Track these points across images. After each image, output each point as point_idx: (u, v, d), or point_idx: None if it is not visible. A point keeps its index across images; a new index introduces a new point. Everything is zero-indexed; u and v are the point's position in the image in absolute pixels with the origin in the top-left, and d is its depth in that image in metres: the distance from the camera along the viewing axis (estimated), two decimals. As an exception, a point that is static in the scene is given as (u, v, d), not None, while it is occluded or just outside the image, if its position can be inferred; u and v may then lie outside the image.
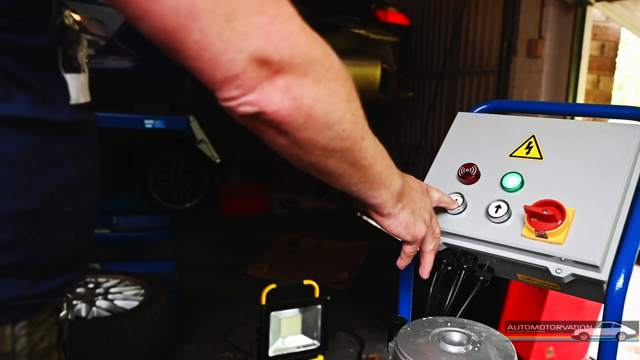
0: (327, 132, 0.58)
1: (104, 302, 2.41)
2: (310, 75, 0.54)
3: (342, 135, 0.60)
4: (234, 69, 0.50)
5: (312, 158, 0.61)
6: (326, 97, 0.56)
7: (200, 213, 5.71)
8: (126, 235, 3.85)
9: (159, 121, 3.00)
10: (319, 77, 0.55)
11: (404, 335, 0.73)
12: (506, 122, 0.97)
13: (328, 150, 0.60)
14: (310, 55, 0.54)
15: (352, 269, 4.01)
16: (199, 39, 0.48)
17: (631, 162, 0.81)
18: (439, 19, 5.23)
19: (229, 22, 0.48)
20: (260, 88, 0.51)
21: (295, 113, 0.54)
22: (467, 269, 0.89)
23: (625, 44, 8.38)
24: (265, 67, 0.51)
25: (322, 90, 0.55)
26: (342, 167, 0.64)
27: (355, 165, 0.65)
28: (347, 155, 0.63)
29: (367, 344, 2.92)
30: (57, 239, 0.60)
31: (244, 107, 0.52)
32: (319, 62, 0.55)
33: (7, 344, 0.56)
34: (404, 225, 0.78)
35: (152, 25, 0.48)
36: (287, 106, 0.53)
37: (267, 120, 0.54)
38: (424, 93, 5.48)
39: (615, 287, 0.73)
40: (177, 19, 0.47)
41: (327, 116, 0.57)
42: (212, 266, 4.10)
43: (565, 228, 0.78)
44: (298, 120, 0.55)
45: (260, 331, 2.18)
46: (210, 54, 0.49)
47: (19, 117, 0.53)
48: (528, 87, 3.90)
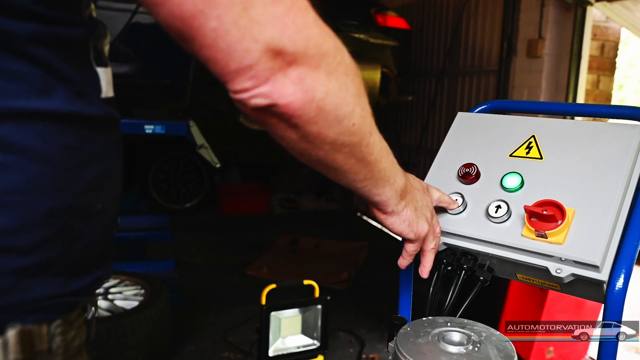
0: (337, 126, 0.58)
1: (104, 302, 2.41)
2: (323, 67, 0.53)
3: (351, 129, 0.59)
4: (249, 58, 0.49)
5: (320, 153, 0.60)
6: (337, 91, 0.55)
7: (200, 213, 5.71)
8: (126, 235, 3.85)
9: (159, 126, 3.01)
10: (330, 70, 0.54)
11: (404, 335, 0.73)
12: (506, 122, 0.97)
13: (337, 144, 0.60)
14: (323, 48, 0.53)
15: (352, 269, 4.01)
16: (215, 26, 0.47)
17: (631, 162, 0.81)
18: (439, 19, 5.23)
19: (245, 11, 0.48)
20: (273, 79, 0.51)
21: (307, 106, 0.53)
22: (467, 269, 0.89)
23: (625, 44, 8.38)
24: (279, 58, 0.50)
25: (333, 84, 0.55)
26: (350, 162, 0.64)
27: (362, 160, 0.65)
28: (355, 150, 0.62)
29: (367, 344, 2.92)
30: (87, 236, 0.59)
31: (257, 99, 0.52)
32: (331, 55, 0.54)
33: (44, 343, 0.56)
34: (407, 223, 0.78)
35: (170, 11, 0.47)
36: (299, 99, 0.53)
37: (278, 113, 0.54)
38: (424, 93, 5.48)
39: (615, 287, 0.73)
40: (195, 5, 0.46)
41: (337, 110, 0.56)
42: (212, 266, 4.10)
43: (565, 228, 0.78)
44: (309, 114, 0.54)
45: (260, 331, 2.18)
46: (225, 43, 0.48)
47: (58, 112, 0.53)
48: (528, 87, 3.90)
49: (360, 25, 4.48)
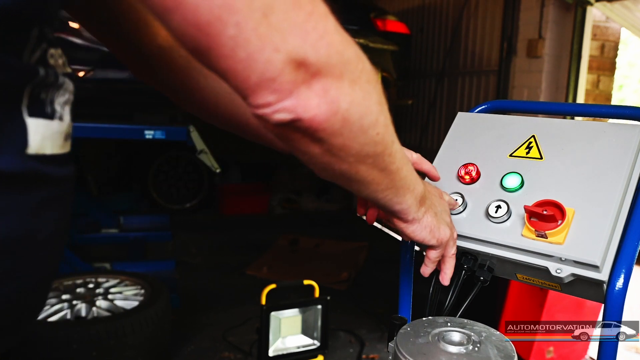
0: (362, 136, 0.55)
1: (104, 302, 2.41)
2: (346, 77, 0.50)
3: (375, 139, 0.56)
4: (271, 70, 0.45)
5: (344, 166, 0.57)
6: (361, 100, 0.52)
7: (200, 213, 5.71)
8: (126, 235, 3.85)
9: (159, 132, 3.02)
10: (354, 79, 0.51)
11: (404, 335, 0.73)
12: (506, 122, 0.97)
13: (361, 155, 0.57)
14: (346, 56, 0.50)
15: (352, 269, 4.01)
16: (234, 34, 0.43)
17: (631, 162, 0.81)
18: (438, 19, 5.23)
19: (265, 17, 0.44)
20: (297, 92, 0.47)
21: (332, 118, 0.50)
22: (467, 269, 0.89)
23: (625, 44, 8.38)
24: (302, 69, 0.47)
25: (357, 93, 0.52)
26: (373, 173, 0.61)
27: (384, 170, 0.62)
28: (378, 160, 0.60)
29: (367, 344, 2.92)
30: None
31: (280, 114, 0.48)
32: (353, 63, 0.51)
33: None
34: (429, 229, 0.75)
35: (183, 18, 0.43)
36: (324, 111, 0.49)
37: (302, 128, 0.50)
38: (424, 93, 5.48)
39: (615, 287, 0.73)
40: (211, 10, 0.42)
41: (362, 120, 0.53)
42: (212, 266, 4.10)
43: (565, 228, 0.78)
44: (334, 126, 0.51)
45: (260, 331, 2.18)
46: (245, 53, 0.44)
47: None
48: (528, 87, 3.90)
49: (360, 29, 4.48)
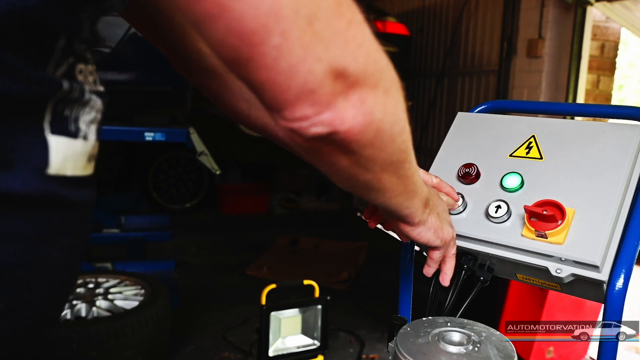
0: (391, 145, 0.53)
1: (104, 302, 2.41)
2: (381, 85, 0.48)
3: (401, 147, 0.56)
4: (312, 81, 0.43)
5: (368, 176, 0.56)
6: (393, 109, 0.51)
7: (200, 213, 5.71)
8: (126, 235, 3.85)
9: (159, 134, 3.01)
10: (387, 88, 0.49)
11: (404, 335, 0.73)
12: (506, 122, 0.97)
13: (386, 164, 0.56)
14: (381, 64, 0.48)
15: (352, 269, 4.01)
16: (279, 43, 0.41)
17: (631, 162, 0.81)
18: (438, 19, 5.23)
19: (310, 25, 0.41)
20: (334, 105, 0.45)
21: (367, 129, 0.48)
22: (467, 269, 0.89)
23: (625, 44, 8.38)
24: (341, 80, 0.45)
25: (390, 101, 0.50)
26: (392, 181, 0.60)
27: (401, 177, 0.61)
28: (399, 168, 0.59)
29: (367, 344, 2.92)
30: None
31: (316, 128, 0.46)
32: (386, 71, 0.49)
33: None
34: (433, 230, 0.76)
35: (228, 26, 0.40)
36: (360, 122, 0.47)
37: (337, 140, 0.48)
38: (424, 93, 5.48)
39: (615, 287, 0.73)
40: (258, 18, 0.40)
41: (392, 129, 0.52)
42: (212, 266, 4.10)
43: (565, 228, 0.78)
44: (368, 136, 0.49)
45: (260, 331, 2.18)
46: (288, 63, 0.42)
47: None
48: (528, 87, 3.90)
49: None
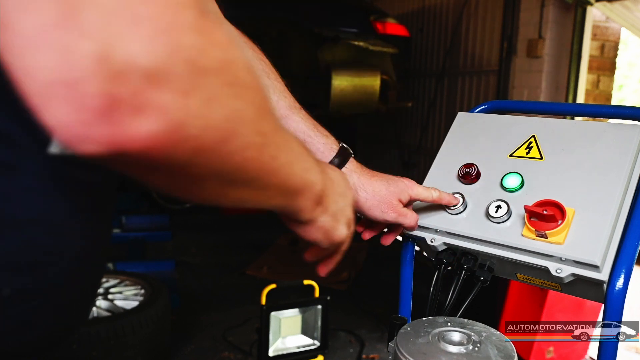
0: (226, 163, 0.43)
1: (104, 302, 2.41)
2: (199, 93, 0.37)
3: (246, 163, 0.45)
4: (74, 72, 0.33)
5: (204, 193, 0.47)
6: (222, 122, 0.39)
7: (200, 213, 5.71)
8: (126, 235, 3.86)
9: None
10: (212, 96, 0.38)
11: (404, 335, 0.73)
12: (506, 122, 0.97)
13: (225, 181, 0.46)
14: (201, 63, 0.36)
15: (352, 269, 4.02)
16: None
17: (631, 162, 0.81)
18: (438, 19, 5.24)
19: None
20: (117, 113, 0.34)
21: (177, 146, 0.37)
22: (467, 269, 0.89)
23: (625, 44, 8.39)
24: (125, 79, 0.33)
25: (216, 113, 0.39)
26: (248, 193, 0.50)
27: (265, 188, 0.51)
28: (255, 182, 0.49)
29: (367, 344, 2.92)
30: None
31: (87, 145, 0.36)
32: (212, 74, 0.38)
33: None
34: (323, 231, 0.67)
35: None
36: (162, 139, 0.36)
37: (128, 161, 0.38)
38: (424, 93, 5.48)
39: (615, 287, 0.73)
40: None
41: (224, 145, 0.41)
42: (212, 266, 4.10)
43: (565, 228, 0.78)
44: (183, 157, 0.39)
45: (260, 331, 2.18)
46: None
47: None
48: (528, 87, 3.90)
49: (359, 32, 4.47)
